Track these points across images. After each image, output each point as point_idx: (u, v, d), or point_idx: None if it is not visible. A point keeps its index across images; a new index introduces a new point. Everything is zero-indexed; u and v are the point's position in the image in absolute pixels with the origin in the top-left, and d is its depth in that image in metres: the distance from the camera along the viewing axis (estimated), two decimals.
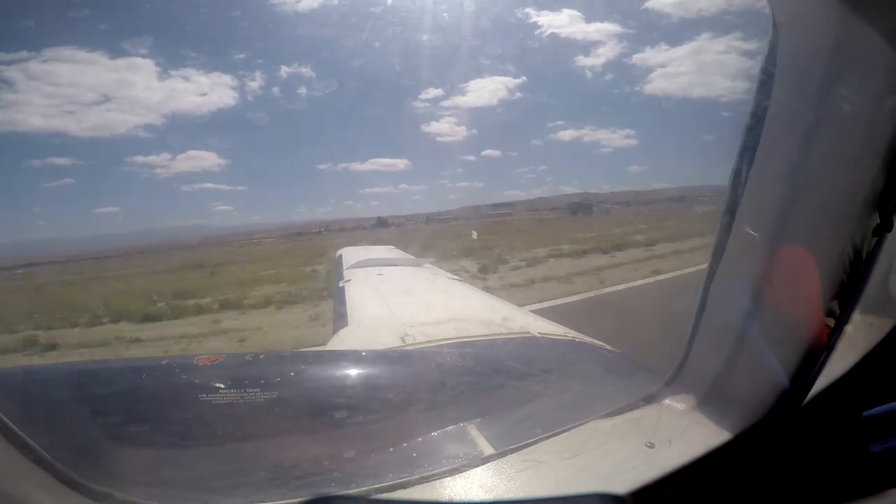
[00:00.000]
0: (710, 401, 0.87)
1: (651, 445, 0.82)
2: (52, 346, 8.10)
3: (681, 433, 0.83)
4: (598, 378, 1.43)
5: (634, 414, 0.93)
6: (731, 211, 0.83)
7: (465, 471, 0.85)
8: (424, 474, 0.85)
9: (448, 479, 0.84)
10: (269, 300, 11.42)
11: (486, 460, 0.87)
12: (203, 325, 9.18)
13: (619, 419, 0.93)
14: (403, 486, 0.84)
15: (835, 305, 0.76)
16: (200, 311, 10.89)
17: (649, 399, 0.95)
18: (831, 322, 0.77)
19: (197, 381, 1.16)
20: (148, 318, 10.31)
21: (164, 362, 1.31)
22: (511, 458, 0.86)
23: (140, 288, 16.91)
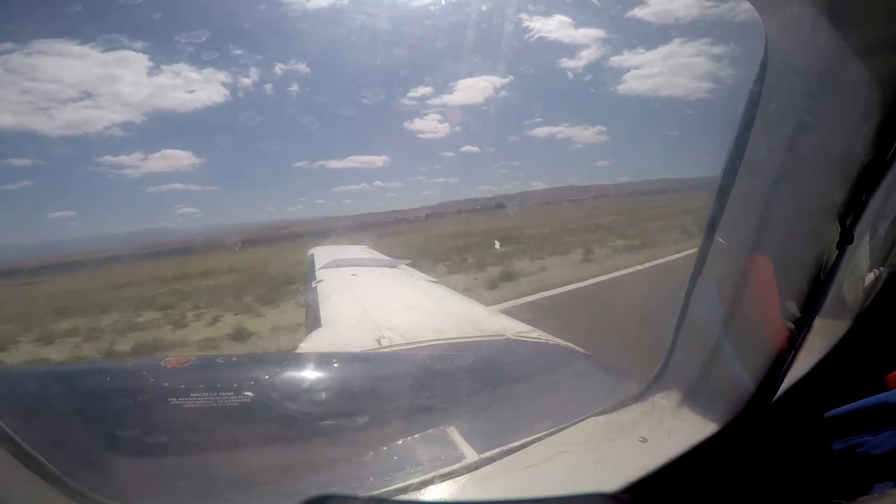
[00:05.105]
0: (694, 398, 0.92)
1: (644, 440, 0.85)
2: None
3: (671, 428, 0.87)
4: (576, 380, 1.46)
5: (626, 411, 0.97)
6: (712, 223, 0.88)
7: (458, 474, 0.85)
8: (411, 479, 0.85)
9: (439, 482, 0.83)
10: None
11: (479, 463, 0.87)
12: None
13: (612, 416, 0.96)
14: (387, 491, 0.83)
15: (800, 311, 0.82)
16: None
17: (637, 397, 0.99)
18: (795, 327, 0.82)
19: (166, 384, 1.10)
20: None
21: (129, 364, 1.24)
22: (511, 458, 0.86)
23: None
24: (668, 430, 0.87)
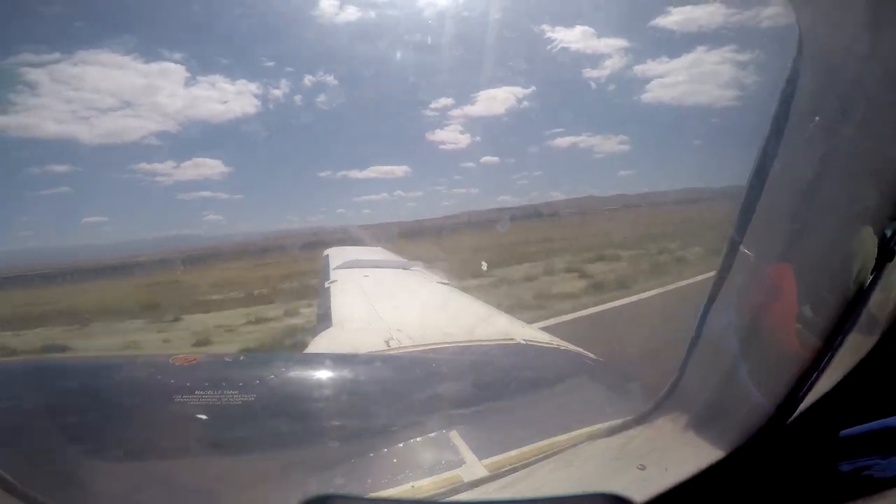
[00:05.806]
0: (703, 421, 0.87)
1: (643, 467, 0.80)
2: None
3: (672, 454, 0.82)
4: (583, 389, 1.42)
5: (627, 434, 0.92)
6: (737, 238, 0.83)
7: (457, 481, 0.83)
8: (411, 482, 0.83)
9: (438, 487, 0.82)
10: None
11: (475, 483, 0.85)
12: None
13: (611, 440, 0.91)
14: (386, 492, 0.81)
15: (830, 329, 0.76)
16: None
17: (641, 419, 0.94)
18: (823, 346, 0.77)
19: (172, 381, 1.11)
20: None
21: (139, 360, 1.26)
22: (503, 480, 0.84)
23: None
24: (670, 457, 0.81)
